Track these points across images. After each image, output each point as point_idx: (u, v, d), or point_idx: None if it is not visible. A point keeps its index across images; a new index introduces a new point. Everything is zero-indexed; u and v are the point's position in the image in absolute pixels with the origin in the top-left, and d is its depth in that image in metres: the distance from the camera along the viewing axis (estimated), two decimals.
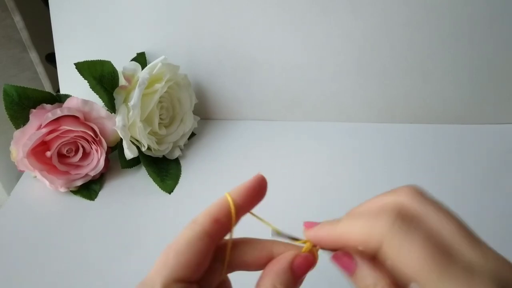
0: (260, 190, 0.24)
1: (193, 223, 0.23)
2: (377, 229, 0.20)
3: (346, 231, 0.21)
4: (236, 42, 0.55)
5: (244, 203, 0.24)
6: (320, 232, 0.23)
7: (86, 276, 0.42)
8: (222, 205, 0.23)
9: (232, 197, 0.23)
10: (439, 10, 0.50)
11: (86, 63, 0.49)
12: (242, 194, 0.24)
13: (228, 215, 0.23)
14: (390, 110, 0.57)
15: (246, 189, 0.24)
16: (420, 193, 0.22)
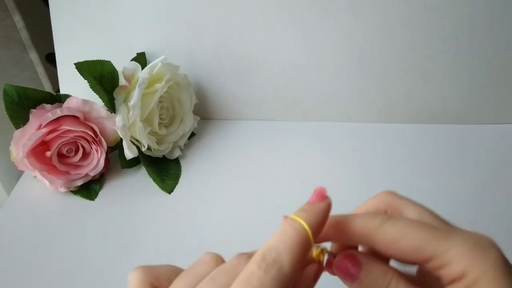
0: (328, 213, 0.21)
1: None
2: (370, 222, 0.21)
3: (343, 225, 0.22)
4: (236, 42, 0.55)
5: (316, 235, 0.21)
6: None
7: (86, 276, 0.42)
8: (303, 243, 0.19)
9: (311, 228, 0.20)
10: (439, 10, 0.50)
11: (86, 63, 0.49)
12: (319, 225, 0.20)
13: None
14: (390, 110, 0.57)
15: (323, 219, 0.21)
16: (395, 192, 0.25)
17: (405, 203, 0.24)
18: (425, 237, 0.20)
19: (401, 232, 0.20)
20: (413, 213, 0.23)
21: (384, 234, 0.21)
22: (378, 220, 0.21)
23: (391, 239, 0.20)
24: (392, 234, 0.20)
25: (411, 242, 0.20)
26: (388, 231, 0.21)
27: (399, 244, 0.20)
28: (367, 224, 0.21)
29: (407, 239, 0.20)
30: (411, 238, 0.20)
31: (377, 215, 0.21)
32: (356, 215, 0.22)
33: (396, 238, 0.20)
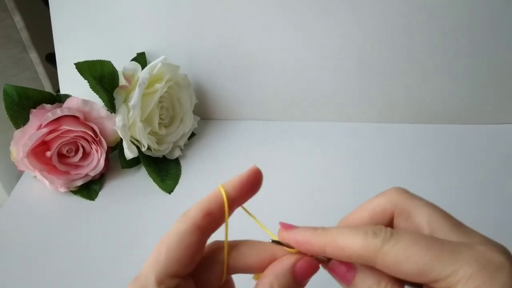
0: (254, 183, 0.24)
1: (184, 217, 0.23)
2: (370, 244, 0.20)
3: (335, 245, 0.21)
4: (236, 42, 0.55)
5: (238, 196, 0.23)
6: (300, 237, 0.22)
7: (86, 276, 0.42)
8: (215, 198, 0.23)
9: (226, 189, 0.23)
10: (439, 10, 0.50)
11: (86, 63, 0.49)
12: (236, 186, 0.23)
13: (220, 208, 0.23)
14: (390, 110, 0.57)
15: (240, 181, 0.23)
16: (406, 191, 0.23)
17: (415, 204, 0.22)
18: (429, 259, 0.18)
19: (403, 254, 0.19)
20: (423, 216, 0.21)
21: (386, 256, 0.19)
22: (380, 238, 0.20)
23: (393, 262, 0.19)
24: (394, 257, 0.19)
25: (414, 265, 0.19)
26: (390, 253, 0.19)
27: (402, 267, 0.19)
28: (367, 243, 0.20)
29: (410, 261, 0.19)
30: (414, 261, 0.19)
31: (379, 232, 0.20)
32: (356, 230, 0.21)
33: (399, 261, 0.19)
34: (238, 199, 0.23)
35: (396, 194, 0.23)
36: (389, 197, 0.23)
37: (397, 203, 0.22)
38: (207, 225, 0.22)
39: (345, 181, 0.50)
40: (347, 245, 0.20)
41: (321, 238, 0.21)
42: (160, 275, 0.21)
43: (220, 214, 0.23)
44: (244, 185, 0.23)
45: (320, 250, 0.21)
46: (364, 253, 0.20)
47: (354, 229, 0.21)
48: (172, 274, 0.21)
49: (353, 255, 0.20)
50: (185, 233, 0.22)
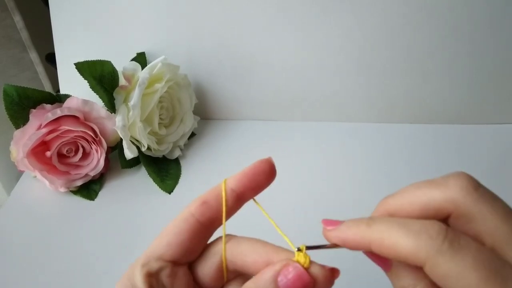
0: (264, 174, 0.23)
1: (185, 207, 0.23)
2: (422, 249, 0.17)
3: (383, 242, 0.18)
4: (236, 42, 0.55)
5: (242, 187, 0.23)
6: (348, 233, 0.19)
7: (86, 276, 0.42)
8: (214, 189, 0.23)
9: (228, 181, 0.23)
10: (439, 10, 0.50)
11: (86, 63, 0.49)
12: (238, 178, 0.23)
13: (218, 199, 0.23)
14: (390, 110, 0.57)
15: (244, 173, 0.23)
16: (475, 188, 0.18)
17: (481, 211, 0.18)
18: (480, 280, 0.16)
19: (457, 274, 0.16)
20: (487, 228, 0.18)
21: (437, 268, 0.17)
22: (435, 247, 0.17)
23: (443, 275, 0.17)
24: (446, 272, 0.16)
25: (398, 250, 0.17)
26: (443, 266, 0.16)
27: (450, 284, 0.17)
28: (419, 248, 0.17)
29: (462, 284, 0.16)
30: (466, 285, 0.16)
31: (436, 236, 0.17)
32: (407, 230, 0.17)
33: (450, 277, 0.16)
34: (242, 192, 0.23)
35: (461, 192, 0.18)
36: (449, 193, 0.18)
37: (459, 205, 0.18)
38: (202, 214, 0.22)
39: (345, 181, 0.50)
40: (395, 245, 0.18)
41: (366, 235, 0.19)
42: (147, 256, 0.22)
43: (218, 205, 0.23)
44: (248, 176, 0.23)
45: (366, 247, 0.19)
46: (413, 258, 0.17)
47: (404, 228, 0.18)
48: (158, 257, 0.22)
49: (401, 257, 0.18)
50: (179, 220, 0.23)
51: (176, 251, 0.22)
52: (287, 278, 0.19)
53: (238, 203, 0.23)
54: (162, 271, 0.22)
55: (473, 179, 0.19)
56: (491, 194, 0.19)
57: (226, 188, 0.23)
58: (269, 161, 0.24)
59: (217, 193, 0.23)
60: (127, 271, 0.22)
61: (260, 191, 0.23)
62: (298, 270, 0.19)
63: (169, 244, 0.22)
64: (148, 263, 0.22)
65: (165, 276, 0.22)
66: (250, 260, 0.21)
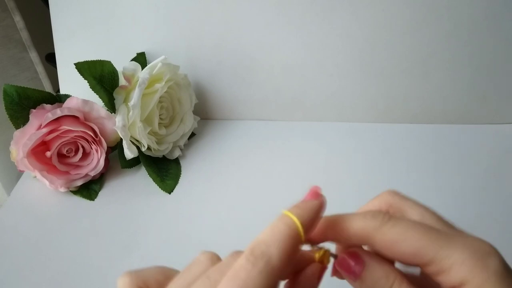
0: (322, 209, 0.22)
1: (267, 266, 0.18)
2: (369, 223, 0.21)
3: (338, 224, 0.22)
4: (236, 42, 0.55)
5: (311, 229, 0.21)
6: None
7: (86, 276, 0.42)
8: (293, 237, 0.19)
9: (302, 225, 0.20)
10: (439, 10, 0.50)
11: (86, 63, 0.49)
12: (311, 219, 0.21)
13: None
14: (390, 110, 0.57)
15: (315, 213, 0.21)
16: (400, 193, 0.24)
17: (407, 204, 0.23)
18: (425, 241, 0.19)
19: (401, 234, 0.20)
20: (415, 214, 0.22)
21: (384, 235, 0.20)
22: (379, 220, 0.21)
23: (391, 241, 0.20)
24: (392, 236, 0.20)
25: (411, 246, 0.20)
26: (388, 232, 0.20)
27: (399, 247, 0.20)
28: (367, 224, 0.21)
29: (407, 242, 0.20)
30: (411, 242, 0.20)
31: (377, 215, 0.21)
32: (356, 214, 0.22)
33: (396, 240, 0.20)
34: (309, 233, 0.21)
35: (389, 195, 0.24)
36: (383, 198, 0.24)
37: (391, 203, 0.24)
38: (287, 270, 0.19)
39: (345, 181, 0.50)
40: (347, 227, 0.21)
41: (323, 223, 0.22)
42: None
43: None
44: (317, 219, 0.21)
45: (322, 235, 0.22)
46: (363, 233, 0.21)
47: (353, 214, 0.22)
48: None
49: (353, 236, 0.21)
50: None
51: None
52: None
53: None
54: None
55: (396, 190, 0.24)
56: (410, 197, 0.24)
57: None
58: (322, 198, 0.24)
59: (296, 243, 0.19)
60: None
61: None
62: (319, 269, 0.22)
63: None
64: None
65: None
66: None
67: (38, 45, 0.71)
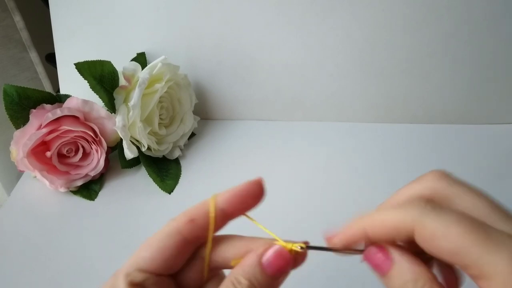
0: (253, 196, 0.23)
1: (170, 220, 0.23)
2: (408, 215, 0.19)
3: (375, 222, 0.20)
4: (236, 42, 0.55)
5: (230, 208, 0.22)
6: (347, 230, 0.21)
7: (86, 276, 0.42)
8: (202, 206, 0.23)
9: (217, 200, 0.22)
10: (439, 10, 0.50)
11: (86, 63, 0.49)
12: (228, 198, 0.22)
13: (205, 217, 0.22)
14: (390, 110, 0.57)
15: (234, 194, 0.22)
16: (448, 175, 0.21)
17: (457, 191, 0.20)
18: (469, 241, 0.17)
19: (443, 229, 0.18)
20: (466, 204, 0.20)
21: (423, 228, 0.18)
22: (419, 210, 0.18)
23: (431, 235, 0.18)
24: (432, 229, 0.18)
25: (452, 244, 0.17)
26: (429, 225, 0.18)
27: (438, 243, 0.18)
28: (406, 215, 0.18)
29: (448, 239, 0.17)
30: (452, 240, 0.17)
31: (417, 204, 0.19)
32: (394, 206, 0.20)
33: (436, 236, 0.18)
34: (230, 212, 0.23)
35: (435, 179, 0.21)
36: (426, 183, 0.21)
37: (437, 190, 0.21)
38: (189, 232, 0.22)
39: (345, 181, 0.50)
40: (385, 219, 0.19)
41: (360, 223, 0.20)
42: (130, 268, 0.22)
43: (205, 223, 0.22)
44: (238, 198, 0.22)
45: (362, 234, 0.20)
46: (401, 225, 0.19)
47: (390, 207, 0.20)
48: (142, 269, 0.22)
49: (391, 229, 0.19)
50: (164, 235, 0.22)
51: (160, 265, 0.22)
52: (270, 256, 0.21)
53: (225, 221, 0.23)
54: (146, 281, 0.22)
55: (444, 171, 0.21)
56: (461, 180, 0.21)
57: (215, 206, 0.22)
58: (259, 183, 0.23)
59: (205, 211, 0.22)
60: (109, 280, 0.23)
61: (247, 211, 0.23)
62: (278, 248, 0.21)
63: (152, 258, 0.22)
64: (131, 273, 0.22)
65: (150, 285, 0.22)
66: (231, 255, 0.22)
67: (38, 45, 0.71)
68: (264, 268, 0.21)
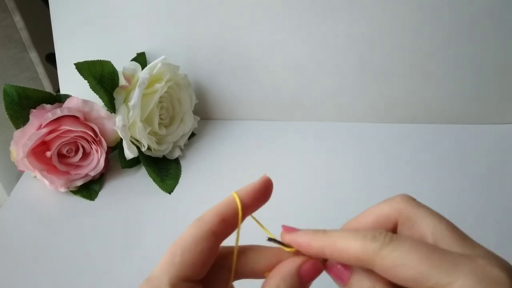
0: (266, 192, 0.24)
1: (199, 221, 0.22)
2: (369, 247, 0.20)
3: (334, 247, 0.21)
4: (236, 42, 0.55)
5: (251, 204, 0.23)
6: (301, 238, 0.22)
7: (86, 276, 0.42)
8: (230, 205, 0.23)
9: (240, 196, 0.23)
10: (439, 10, 0.50)
11: (86, 63, 0.49)
12: (249, 194, 0.23)
13: (235, 215, 0.23)
14: (390, 110, 0.57)
15: (253, 189, 0.24)
16: (413, 199, 0.23)
17: (420, 213, 0.22)
18: (427, 266, 0.18)
19: (401, 260, 0.19)
20: (428, 226, 0.21)
21: (383, 260, 0.19)
22: (379, 243, 0.19)
23: (391, 265, 0.19)
24: (392, 262, 0.19)
25: (411, 272, 0.18)
26: (388, 257, 0.19)
27: (399, 272, 0.19)
28: (366, 247, 0.20)
29: (408, 267, 0.19)
30: (412, 266, 0.18)
31: (378, 236, 0.20)
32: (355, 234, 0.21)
33: (396, 265, 0.19)
34: (250, 207, 0.24)
35: (402, 201, 0.22)
36: (394, 204, 0.23)
37: (402, 211, 0.22)
38: (222, 231, 0.22)
39: (345, 181, 0.50)
40: (346, 248, 0.20)
41: (321, 240, 0.21)
42: (174, 278, 0.21)
43: (234, 220, 0.23)
44: (257, 193, 0.24)
45: (320, 252, 0.22)
46: (362, 256, 0.20)
47: (353, 233, 0.21)
48: (186, 278, 0.21)
49: (351, 258, 0.20)
50: (201, 238, 0.22)
51: (200, 270, 0.22)
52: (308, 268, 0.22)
53: (245, 217, 0.24)
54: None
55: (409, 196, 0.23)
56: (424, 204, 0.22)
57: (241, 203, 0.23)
58: (269, 180, 0.25)
59: (233, 209, 0.23)
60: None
61: (258, 209, 0.24)
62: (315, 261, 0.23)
63: (194, 264, 0.21)
64: (177, 284, 0.21)
65: None
66: (260, 266, 0.23)
67: (38, 45, 0.71)
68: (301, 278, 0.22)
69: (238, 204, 0.23)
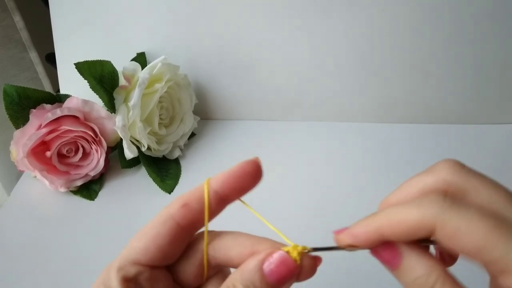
0: (250, 176, 0.21)
1: (164, 207, 0.22)
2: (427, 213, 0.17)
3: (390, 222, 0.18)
4: (236, 42, 0.55)
5: (227, 190, 0.21)
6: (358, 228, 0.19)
7: (86, 276, 0.42)
8: (196, 190, 0.21)
9: (211, 182, 0.21)
10: (439, 10, 0.50)
11: (86, 63, 0.49)
12: (223, 180, 0.21)
13: (199, 201, 0.21)
14: (390, 110, 0.57)
15: (229, 175, 0.21)
16: (461, 166, 0.20)
17: (473, 184, 0.19)
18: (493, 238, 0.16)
19: (464, 226, 0.17)
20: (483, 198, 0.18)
21: (444, 226, 0.17)
22: (438, 206, 0.17)
23: (453, 233, 0.17)
24: (453, 227, 0.17)
25: (476, 241, 0.17)
26: (449, 222, 0.17)
27: (460, 240, 0.17)
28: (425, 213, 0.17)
29: (472, 236, 0.17)
30: (476, 237, 0.16)
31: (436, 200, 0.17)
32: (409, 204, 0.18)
33: (459, 233, 0.17)
34: (226, 194, 0.21)
35: (449, 171, 0.20)
36: (439, 175, 0.20)
37: (450, 183, 0.19)
38: (183, 217, 0.21)
39: (345, 181, 0.50)
40: (403, 220, 0.18)
41: (374, 221, 0.19)
42: (123, 261, 0.21)
43: (200, 207, 0.21)
44: (233, 178, 0.21)
45: (378, 236, 0.19)
46: (422, 225, 0.17)
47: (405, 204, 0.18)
48: (135, 261, 0.21)
49: (411, 228, 0.18)
50: (157, 222, 0.21)
51: (154, 256, 0.21)
52: (272, 264, 0.19)
53: (221, 205, 0.22)
54: (140, 275, 0.21)
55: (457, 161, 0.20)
56: (476, 171, 0.20)
57: (209, 189, 0.21)
58: (255, 162, 0.22)
59: (199, 195, 0.21)
60: (102, 274, 0.21)
61: (244, 194, 0.22)
62: (282, 255, 0.19)
63: (146, 248, 0.21)
64: (124, 267, 0.20)
65: (144, 280, 0.21)
66: (234, 253, 0.21)
67: (38, 45, 0.71)
68: (264, 276, 0.19)
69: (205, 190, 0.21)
